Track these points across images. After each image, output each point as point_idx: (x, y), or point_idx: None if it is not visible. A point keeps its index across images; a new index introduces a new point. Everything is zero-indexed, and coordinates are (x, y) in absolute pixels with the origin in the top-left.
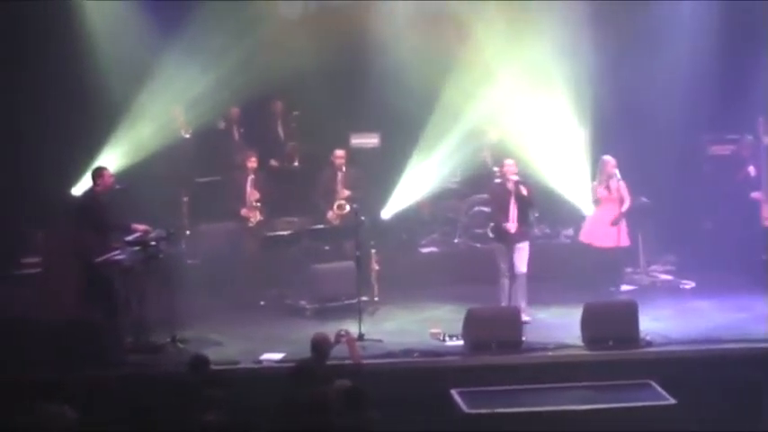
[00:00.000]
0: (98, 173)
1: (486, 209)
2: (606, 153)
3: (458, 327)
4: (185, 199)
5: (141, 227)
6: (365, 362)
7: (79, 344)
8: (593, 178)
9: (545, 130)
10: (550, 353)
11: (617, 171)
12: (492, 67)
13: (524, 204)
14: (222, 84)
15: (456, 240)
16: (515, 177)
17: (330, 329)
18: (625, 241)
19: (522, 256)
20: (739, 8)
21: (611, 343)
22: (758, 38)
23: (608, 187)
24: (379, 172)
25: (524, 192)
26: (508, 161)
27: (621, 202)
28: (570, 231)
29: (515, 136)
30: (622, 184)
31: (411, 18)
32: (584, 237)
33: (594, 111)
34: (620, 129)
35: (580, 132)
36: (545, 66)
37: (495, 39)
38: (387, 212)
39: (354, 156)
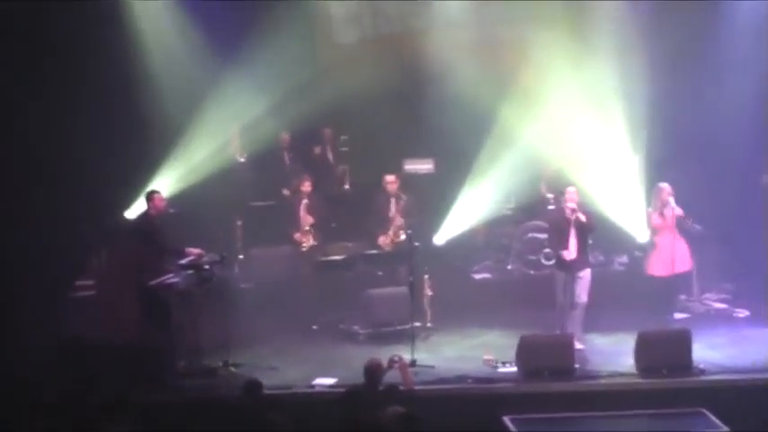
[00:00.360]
0: (150, 196)
1: (540, 235)
2: (662, 180)
3: (511, 353)
4: (239, 223)
5: (195, 251)
6: (418, 388)
7: (134, 367)
8: (648, 205)
9: (600, 156)
10: (603, 380)
11: (672, 199)
12: (547, 93)
13: (584, 232)
14: (277, 108)
15: (509, 267)
16: (573, 205)
17: (383, 355)
18: (685, 266)
19: (583, 285)
20: None
21: (664, 371)
22: None
23: (662, 214)
24: (432, 198)
25: (583, 218)
26: (570, 188)
27: (678, 229)
28: (624, 259)
29: (570, 163)
30: (677, 212)
31: (466, 44)
32: (653, 270)
33: (650, 137)
34: (676, 155)
35: (635, 159)
36: (601, 92)
37: (550, 65)
38: (440, 238)
39: (408, 181)
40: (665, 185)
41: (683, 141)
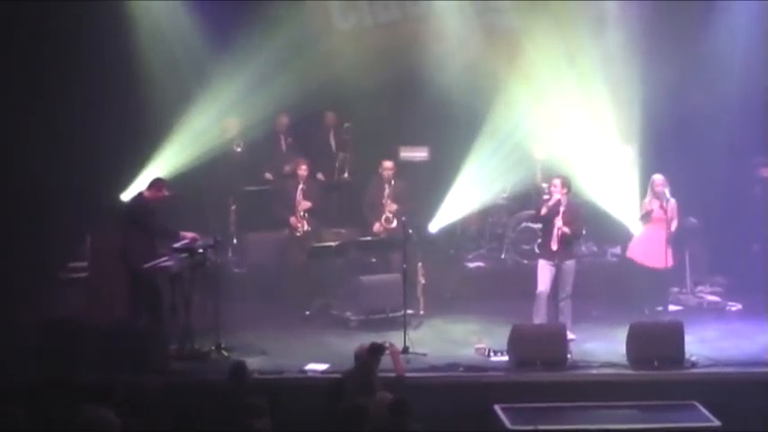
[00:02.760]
0: (155, 184)
1: (533, 225)
2: (655, 171)
3: (503, 342)
4: (233, 207)
5: (190, 234)
6: (409, 375)
7: (124, 349)
8: (642, 196)
9: (593, 147)
10: (595, 371)
11: (666, 190)
12: (543, 83)
13: (569, 223)
14: (274, 94)
15: (503, 256)
16: (557, 197)
17: (375, 341)
18: (669, 262)
19: (567, 275)
20: None
21: (656, 363)
22: None
23: (658, 206)
24: (427, 185)
25: (567, 230)
26: (555, 180)
27: (671, 221)
28: (617, 250)
29: (564, 153)
30: (672, 204)
31: (463, 34)
32: (632, 253)
33: (644, 129)
34: (669, 147)
35: (628, 150)
36: (595, 82)
37: (546, 55)
38: (434, 226)
39: (403, 169)
40: (658, 177)
41: (676, 133)
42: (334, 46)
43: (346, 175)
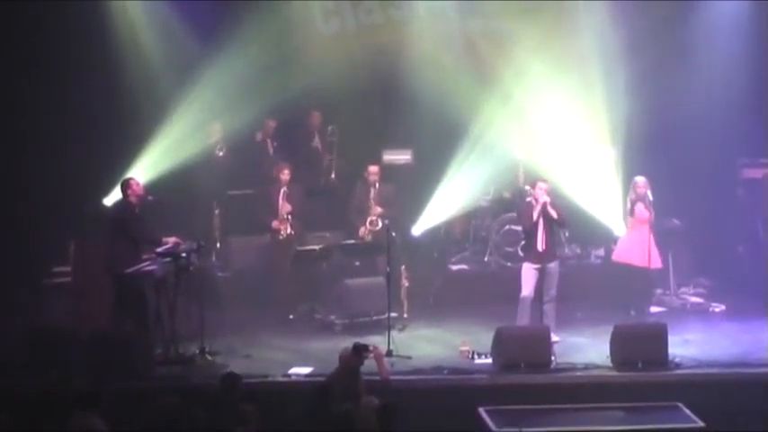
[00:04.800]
0: (126, 183)
1: (517, 228)
2: (638, 173)
3: (487, 345)
4: (216, 212)
5: (172, 239)
6: (393, 378)
7: (109, 355)
8: (625, 198)
9: (576, 149)
10: (579, 373)
11: (649, 192)
12: (527, 85)
13: (555, 225)
14: (258, 97)
15: (487, 259)
16: (545, 199)
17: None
18: (657, 263)
19: (552, 278)
20: None
21: (640, 365)
22: None
23: (643, 207)
24: (411, 189)
25: (554, 215)
26: (541, 183)
27: (653, 222)
28: (601, 251)
29: (547, 156)
30: (641, 207)
31: (446, 37)
32: (618, 256)
33: (627, 131)
34: (652, 149)
35: (611, 152)
36: (578, 85)
37: (528, 58)
38: (418, 229)
39: (387, 172)
40: (640, 179)
41: (659, 135)
42: (318, 49)
43: (333, 176)
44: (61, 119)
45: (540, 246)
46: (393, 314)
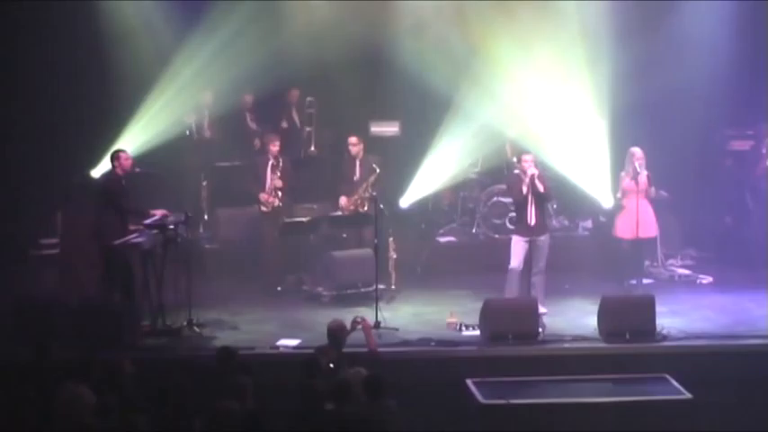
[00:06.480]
0: (115, 155)
1: (505, 199)
2: (627, 145)
3: (475, 317)
4: (204, 183)
5: (159, 211)
6: (381, 350)
7: (97, 326)
8: (614, 170)
9: (564, 121)
10: (567, 345)
11: (638, 164)
12: (514, 57)
13: (542, 198)
14: (241, 70)
15: (474, 230)
16: (533, 171)
17: (347, 316)
18: (654, 230)
19: (542, 251)
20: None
21: (627, 336)
22: None
23: (635, 179)
24: (398, 160)
25: (541, 188)
26: (526, 156)
27: (649, 191)
28: (589, 223)
29: (535, 128)
30: (644, 176)
31: (434, 9)
32: (621, 232)
33: (615, 103)
34: (640, 121)
35: (600, 124)
36: (566, 58)
37: (517, 30)
38: (406, 201)
39: (374, 144)
40: (636, 150)
41: (647, 107)
42: (304, 21)
43: (313, 148)
44: (49, 93)
45: (531, 219)
46: (381, 286)
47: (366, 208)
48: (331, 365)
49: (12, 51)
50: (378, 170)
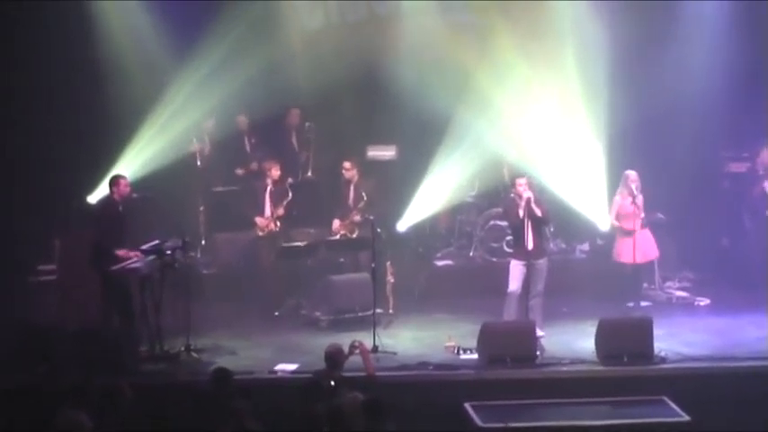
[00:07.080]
0: (114, 181)
1: (502, 223)
2: (623, 168)
3: (472, 340)
4: (201, 208)
5: (132, 253)
6: (379, 374)
7: (95, 351)
8: (610, 193)
9: (561, 144)
10: (565, 368)
11: (634, 186)
12: (511, 81)
13: (539, 222)
14: (240, 93)
15: (472, 254)
16: (528, 195)
17: (344, 341)
18: (655, 253)
19: (540, 274)
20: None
21: (625, 359)
22: None
23: (633, 202)
24: (395, 184)
25: (538, 212)
26: (520, 179)
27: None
28: (586, 246)
29: (532, 151)
30: (639, 200)
31: (430, 33)
32: (623, 257)
33: (612, 126)
34: (637, 142)
35: (597, 147)
36: (563, 80)
37: (513, 54)
38: (403, 225)
39: (371, 168)
40: (631, 173)
41: (643, 128)
42: (303, 45)
43: (310, 174)
44: (44, 116)
45: (529, 243)
46: (378, 310)
47: (356, 234)
48: (332, 383)
49: (8, 77)
50: (365, 198)
